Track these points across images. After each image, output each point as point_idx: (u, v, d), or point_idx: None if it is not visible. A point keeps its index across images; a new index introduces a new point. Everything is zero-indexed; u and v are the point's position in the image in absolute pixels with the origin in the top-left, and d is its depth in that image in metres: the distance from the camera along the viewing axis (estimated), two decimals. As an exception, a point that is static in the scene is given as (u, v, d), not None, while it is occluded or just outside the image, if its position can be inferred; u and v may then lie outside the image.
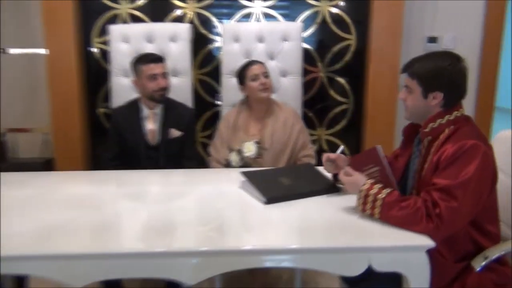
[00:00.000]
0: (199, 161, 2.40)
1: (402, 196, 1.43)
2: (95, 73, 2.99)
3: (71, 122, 2.89)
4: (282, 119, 2.30)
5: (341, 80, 3.09)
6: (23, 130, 3.15)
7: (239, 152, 2.17)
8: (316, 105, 3.11)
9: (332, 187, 1.75)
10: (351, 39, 3.03)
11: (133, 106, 2.32)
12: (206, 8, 2.96)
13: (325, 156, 1.73)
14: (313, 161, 2.31)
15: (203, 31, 2.99)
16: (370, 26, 2.92)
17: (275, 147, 2.23)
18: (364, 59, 3.01)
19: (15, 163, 3.06)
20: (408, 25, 2.99)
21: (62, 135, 2.88)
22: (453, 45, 3.06)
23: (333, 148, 3.16)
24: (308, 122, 2.86)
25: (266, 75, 2.26)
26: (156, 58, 2.23)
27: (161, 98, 2.25)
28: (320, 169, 1.85)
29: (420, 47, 3.05)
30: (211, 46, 3.00)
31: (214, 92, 3.00)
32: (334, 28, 3.01)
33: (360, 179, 1.51)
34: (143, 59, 2.24)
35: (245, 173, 1.81)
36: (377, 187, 1.46)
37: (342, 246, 1.32)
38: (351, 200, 1.55)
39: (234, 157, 2.18)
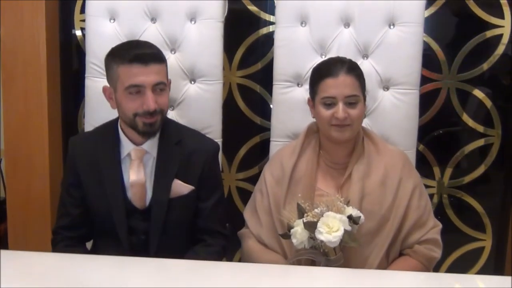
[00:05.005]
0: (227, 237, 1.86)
1: None
2: (79, 70, 2.50)
3: (35, 146, 2.42)
4: (380, 170, 1.70)
5: (480, 94, 2.44)
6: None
7: (310, 226, 1.51)
8: (433, 135, 2.51)
9: None
10: (503, 26, 2.37)
11: (105, 138, 1.78)
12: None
13: None
14: (438, 253, 1.69)
15: (251, 7, 2.46)
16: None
17: (365, 222, 1.60)
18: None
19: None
20: None
21: (20, 164, 2.43)
22: None
23: (461, 214, 2.46)
24: (419, 163, 2.22)
25: (352, 100, 1.66)
26: (145, 55, 1.64)
27: (148, 130, 1.69)
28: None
29: None
30: (263, 32, 2.48)
31: (265, 108, 2.45)
32: (473, 6, 2.37)
33: None
34: (121, 54, 1.67)
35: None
36: None
37: None
38: None
39: (299, 232, 1.54)
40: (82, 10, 2.44)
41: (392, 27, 1.95)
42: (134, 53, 1.64)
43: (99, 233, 1.81)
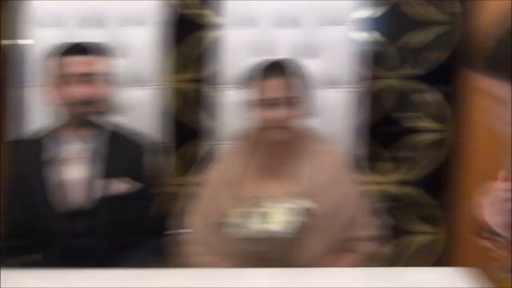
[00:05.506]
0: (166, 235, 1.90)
1: None
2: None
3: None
4: (321, 170, 1.76)
5: (429, 90, 2.50)
6: None
7: (252, 217, 1.63)
8: (383, 131, 2.52)
9: None
10: (451, 23, 2.43)
11: (40, 140, 1.85)
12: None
13: None
14: (379, 248, 1.77)
15: (196, 11, 2.45)
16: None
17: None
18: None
19: None
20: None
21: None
22: None
23: (413, 209, 2.51)
24: (368, 160, 2.29)
25: (289, 100, 1.68)
26: (79, 48, 1.81)
27: (83, 118, 1.79)
28: None
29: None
30: (208, 35, 2.46)
31: (208, 111, 2.49)
32: (419, 5, 2.44)
33: None
34: (58, 50, 1.83)
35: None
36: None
37: None
38: None
39: (254, 221, 1.64)
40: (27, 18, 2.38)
41: (335, 27, 2.01)
42: (69, 47, 1.80)
43: (43, 242, 1.81)
